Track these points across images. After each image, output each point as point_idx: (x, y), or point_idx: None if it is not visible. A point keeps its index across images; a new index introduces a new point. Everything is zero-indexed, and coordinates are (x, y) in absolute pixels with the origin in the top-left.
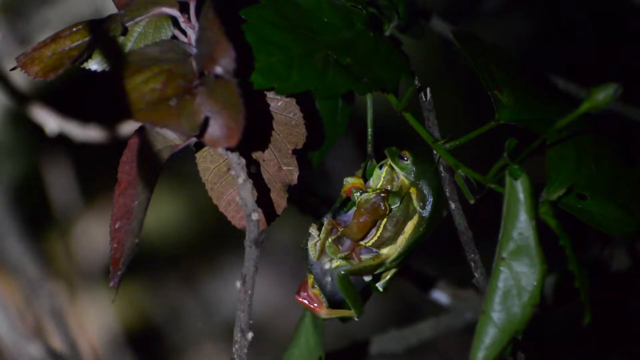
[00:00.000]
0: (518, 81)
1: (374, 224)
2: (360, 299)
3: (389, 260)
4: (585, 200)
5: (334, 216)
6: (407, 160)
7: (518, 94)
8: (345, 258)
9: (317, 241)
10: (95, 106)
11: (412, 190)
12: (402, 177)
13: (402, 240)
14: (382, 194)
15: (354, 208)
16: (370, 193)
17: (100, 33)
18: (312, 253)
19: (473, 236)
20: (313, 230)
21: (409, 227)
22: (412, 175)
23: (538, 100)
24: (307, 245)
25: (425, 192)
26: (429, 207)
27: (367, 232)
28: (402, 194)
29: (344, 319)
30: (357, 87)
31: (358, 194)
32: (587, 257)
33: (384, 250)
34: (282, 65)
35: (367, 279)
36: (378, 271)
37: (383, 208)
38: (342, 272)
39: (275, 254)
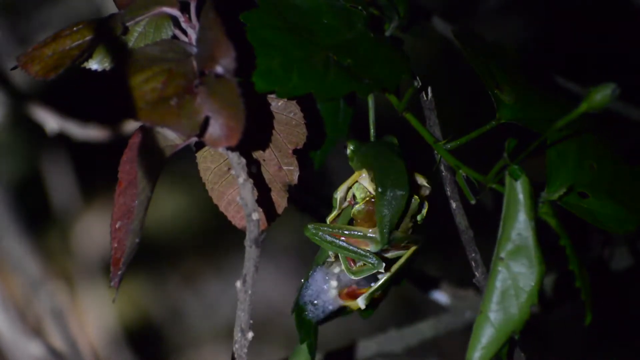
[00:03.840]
0: (519, 80)
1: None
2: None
3: (375, 236)
4: (587, 199)
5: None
6: (348, 150)
7: (519, 93)
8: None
9: (333, 262)
10: (95, 106)
11: (359, 175)
12: (353, 166)
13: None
14: (372, 200)
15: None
16: (361, 203)
17: (101, 32)
18: (326, 265)
19: (474, 235)
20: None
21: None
22: (357, 162)
23: (539, 99)
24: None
25: (368, 162)
26: (376, 173)
27: None
28: (350, 185)
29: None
30: (358, 88)
31: (348, 205)
32: (588, 257)
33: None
34: (283, 68)
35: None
36: (371, 249)
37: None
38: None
39: (275, 254)
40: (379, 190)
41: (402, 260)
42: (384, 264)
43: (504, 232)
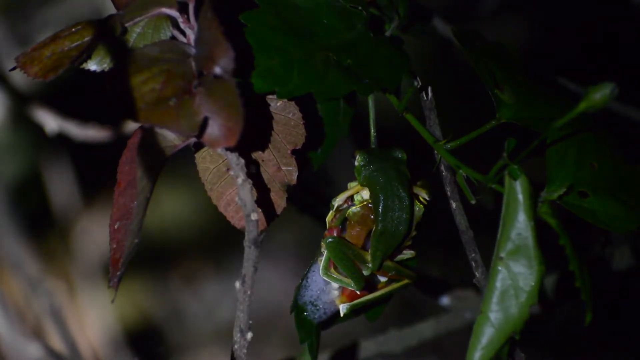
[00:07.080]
0: (519, 79)
1: (368, 233)
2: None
3: (368, 263)
4: (587, 198)
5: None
6: (356, 162)
7: (519, 92)
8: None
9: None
10: (95, 106)
11: (361, 189)
12: (357, 179)
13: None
14: (369, 205)
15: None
16: (357, 205)
17: (100, 33)
18: (321, 266)
19: (474, 235)
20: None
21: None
22: (363, 177)
23: (539, 98)
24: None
25: (374, 190)
26: (379, 207)
27: (364, 242)
28: (350, 195)
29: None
30: (358, 88)
31: (346, 206)
32: (588, 256)
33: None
34: (283, 68)
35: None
36: (364, 271)
37: (372, 217)
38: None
39: (274, 254)
40: (379, 228)
41: (391, 287)
42: (361, 287)
43: (504, 232)
